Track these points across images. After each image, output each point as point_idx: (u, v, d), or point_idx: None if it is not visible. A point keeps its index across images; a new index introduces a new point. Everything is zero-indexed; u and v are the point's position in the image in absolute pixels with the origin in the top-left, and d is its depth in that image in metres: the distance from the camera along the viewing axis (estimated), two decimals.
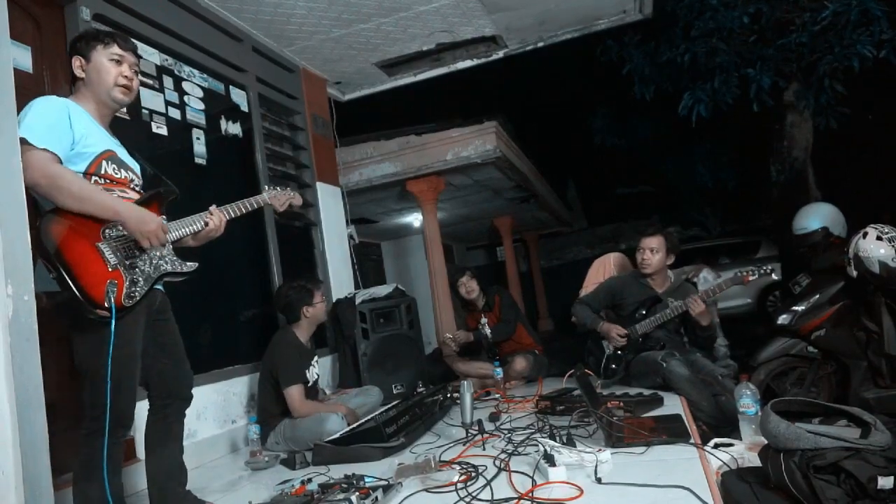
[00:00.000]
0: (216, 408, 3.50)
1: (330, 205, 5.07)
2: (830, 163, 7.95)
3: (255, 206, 2.42)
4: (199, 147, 3.75)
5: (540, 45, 5.36)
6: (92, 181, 1.96)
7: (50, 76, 2.87)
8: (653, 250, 3.51)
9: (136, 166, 2.19)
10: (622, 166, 13.51)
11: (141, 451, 2.85)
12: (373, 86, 5.75)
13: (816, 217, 4.04)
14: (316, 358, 3.67)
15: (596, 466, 2.03)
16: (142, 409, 2.14)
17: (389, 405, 3.52)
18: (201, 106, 3.83)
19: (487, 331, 4.49)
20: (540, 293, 14.77)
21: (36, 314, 1.71)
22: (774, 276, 3.43)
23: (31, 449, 1.62)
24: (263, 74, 4.53)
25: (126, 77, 2.09)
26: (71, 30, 3.00)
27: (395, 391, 4.39)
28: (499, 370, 4.00)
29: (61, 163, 1.88)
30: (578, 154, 14.06)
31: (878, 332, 3.53)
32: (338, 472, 2.63)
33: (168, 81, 3.58)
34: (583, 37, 5.35)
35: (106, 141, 2.07)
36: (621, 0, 4.83)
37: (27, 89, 2.45)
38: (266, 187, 2.58)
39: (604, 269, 4.29)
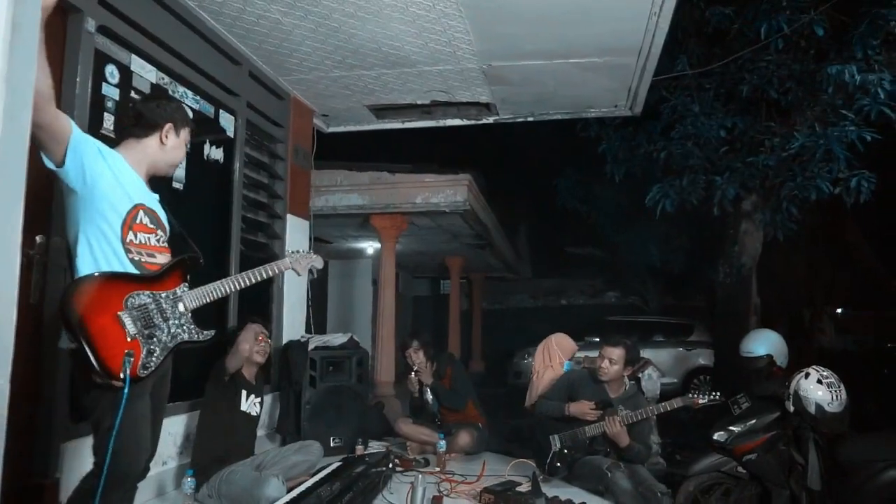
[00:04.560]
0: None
1: (297, 239, 4.95)
2: (769, 269, 8.42)
3: (275, 272, 2.44)
4: (179, 171, 3.61)
5: (530, 119, 5.49)
6: (129, 234, 1.98)
7: None
8: (612, 360, 3.62)
9: (166, 223, 2.19)
10: (576, 227, 13.92)
11: (65, 496, 2.69)
12: (359, 124, 5.73)
13: (763, 344, 4.27)
14: (260, 399, 3.58)
15: None
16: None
17: (330, 466, 3.44)
18: None
19: (429, 397, 4.49)
20: (477, 334, 14.89)
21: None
22: (720, 400, 3.57)
23: None
24: (254, 100, 4.44)
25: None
26: (72, 39, 2.86)
27: (332, 444, 4.31)
28: (443, 444, 3.98)
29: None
30: (537, 208, 14.38)
31: (803, 465, 3.74)
32: None
33: None
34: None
35: (144, 194, 2.10)
36: (615, 97, 5.01)
37: None
38: (288, 250, 2.62)
39: (547, 350, 4.40)
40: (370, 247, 10.14)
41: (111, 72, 3.08)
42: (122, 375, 1.83)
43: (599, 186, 9.87)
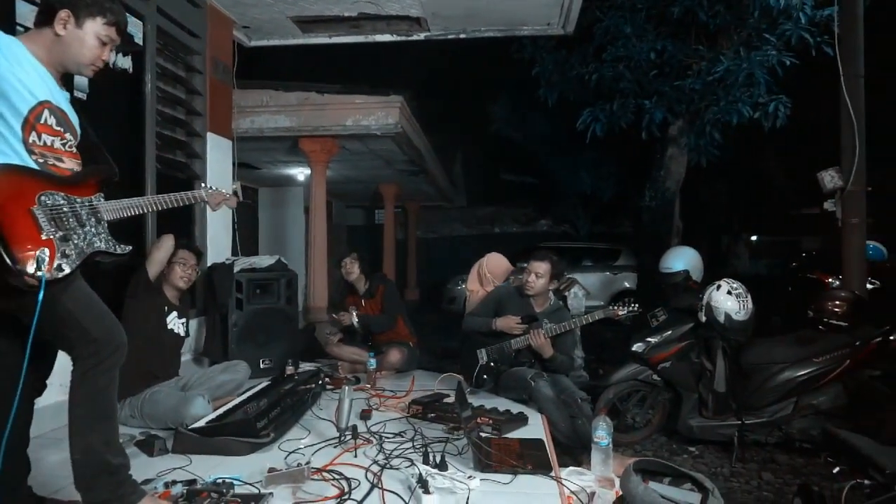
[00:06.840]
0: (63, 372, 3.19)
1: (218, 158, 4.73)
2: (692, 195, 8.76)
3: (189, 201, 2.38)
4: (81, 79, 3.32)
5: (462, 36, 5.34)
6: (31, 135, 1.79)
7: None
8: (538, 275, 3.70)
9: (77, 126, 1.98)
10: (511, 155, 13.98)
11: None
12: (283, 38, 5.42)
13: (681, 260, 4.47)
14: (184, 320, 3.49)
15: (468, 496, 2.15)
16: None
17: (258, 386, 3.44)
18: None
19: (355, 320, 4.51)
20: (412, 262, 14.98)
21: None
22: (638, 311, 3.73)
23: None
24: (165, 5, 4.09)
25: (103, 61, 1.93)
26: None
27: (262, 365, 4.29)
28: (373, 361, 4.02)
29: None
30: (471, 135, 14.29)
31: (711, 371, 4.03)
32: (200, 463, 2.55)
33: None
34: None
35: (52, 91, 1.87)
36: (548, 13, 4.92)
37: None
38: (203, 185, 2.50)
39: (479, 273, 4.42)
40: (301, 173, 9.84)
41: None
42: (37, 273, 1.70)
43: (533, 113, 9.85)
